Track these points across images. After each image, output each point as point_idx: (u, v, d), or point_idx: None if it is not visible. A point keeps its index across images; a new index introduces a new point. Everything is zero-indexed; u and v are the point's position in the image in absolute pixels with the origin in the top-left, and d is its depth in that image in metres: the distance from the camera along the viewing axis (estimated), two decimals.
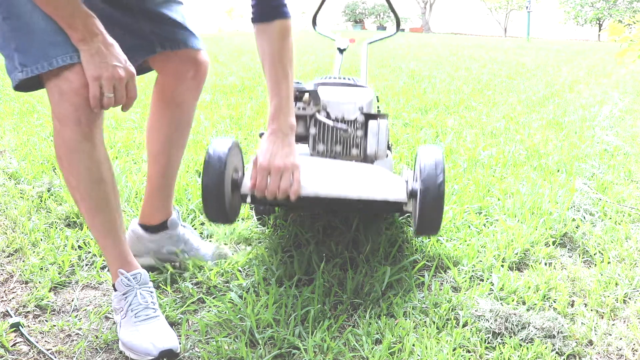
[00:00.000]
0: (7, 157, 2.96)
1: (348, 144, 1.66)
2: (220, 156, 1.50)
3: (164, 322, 1.47)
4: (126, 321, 1.45)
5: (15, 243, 1.95)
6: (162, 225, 1.80)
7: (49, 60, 1.31)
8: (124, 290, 1.48)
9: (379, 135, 1.62)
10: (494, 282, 1.76)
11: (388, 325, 1.51)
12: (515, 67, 7.85)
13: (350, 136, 1.65)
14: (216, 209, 1.52)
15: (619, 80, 6.68)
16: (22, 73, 1.32)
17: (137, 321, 1.44)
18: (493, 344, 1.47)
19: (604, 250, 2.01)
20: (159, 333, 1.42)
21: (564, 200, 2.40)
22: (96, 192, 1.43)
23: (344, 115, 1.66)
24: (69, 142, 1.37)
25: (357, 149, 1.66)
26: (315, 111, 1.67)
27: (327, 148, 1.67)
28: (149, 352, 1.38)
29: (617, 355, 1.46)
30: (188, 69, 1.69)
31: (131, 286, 1.48)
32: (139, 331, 1.42)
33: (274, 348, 1.43)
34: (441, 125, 3.88)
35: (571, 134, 3.72)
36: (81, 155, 1.38)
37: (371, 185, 1.52)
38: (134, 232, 1.81)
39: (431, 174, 1.45)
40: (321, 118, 1.66)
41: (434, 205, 1.46)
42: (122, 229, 1.50)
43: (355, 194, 1.50)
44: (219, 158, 1.49)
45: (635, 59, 3.22)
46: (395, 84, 5.78)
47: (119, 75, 1.34)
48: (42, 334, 1.50)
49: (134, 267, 1.51)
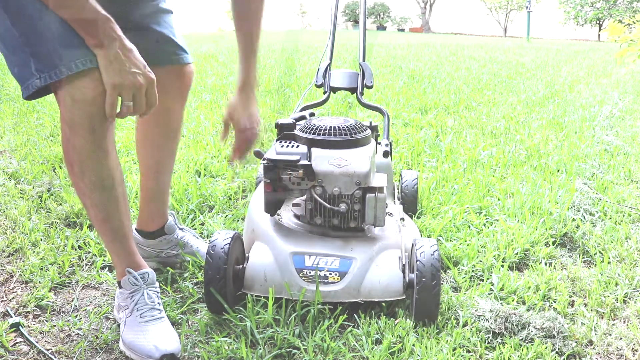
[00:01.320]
0: (7, 157, 2.96)
1: (345, 218, 1.66)
2: (223, 251, 1.53)
3: (168, 325, 1.47)
4: (131, 320, 1.45)
5: (15, 243, 1.95)
6: (159, 231, 1.82)
7: (68, 64, 1.23)
8: (131, 289, 1.48)
9: (377, 209, 1.61)
10: (494, 282, 1.76)
11: (388, 325, 1.51)
12: (515, 67, 7.85)
13: (348, 211, 1.64)
14: (217, 303, 1.54)
15: (619, 80, 6.68)
16: (39, 80, 1.25)
17: (142, 321, 1.43)
18: (493, 344, 1.47)
19: (604, 250, 2.01)
20: (162, 336, 1.42)
21: (564, 200, 2.40)
22: (107, 199, 1.40)
23: (340, 190, 1.60)
24: (80, 150, 1.32)
25: (355, 221, 1.65)
26: (310, 187, 1.62)
27: (324, 222, 1.67)
28: (151, 354, 1.37)
29: (617, 355, 1.46)
30: (172, 81, 1.66)
31: (138, 285, 1.48)
32: (143, 332, 1.42)
33: (274, 348, 1.43)
34: (441, 125, 3.88)
35: (571, 134, 3.72)
36: (94, 164, 1.34)
37: (368, 287, 1.56)
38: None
39: (427, 269, 1.50)
40: (317, 197, 1.62)
41: (431, 299, 1.50)
42: (130, 229, 1.49)
43: (354, 298, 1.57)
44: (221, 253, 1.52)
45: (635, 59, 3.22)
46: (395, 84, 5.78)
47: (139, 83, 1.28)
48: (42, 334, 1.50)
49: (142, 266, 1.51)
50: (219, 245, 1.53)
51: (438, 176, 2.68)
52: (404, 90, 5.36)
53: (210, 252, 1.52)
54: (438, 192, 2.50)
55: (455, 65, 7.93)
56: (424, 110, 4.44)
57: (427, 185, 2.50)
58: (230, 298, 1.54)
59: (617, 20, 4.80)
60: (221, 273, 1.51)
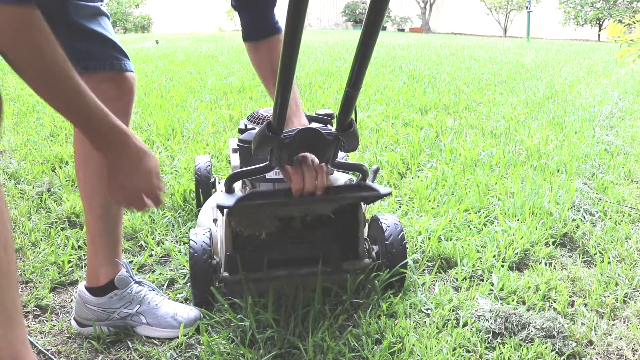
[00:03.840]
0: (7, 157, 2.96)
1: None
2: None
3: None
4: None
5: (15, 243, 1.95)
6: (109, 285, 1.50)
7: None
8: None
9: None
10: (494, 282, 1.76)
11: (388, 325, 1.51)
12: (515, 67, 7.85)
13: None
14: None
15: (619, 80, 6.68)
16: None
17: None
18: (493, 344, 1.47)
19: (604, 250, 2.01)
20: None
21: (564, 200, 2.40)
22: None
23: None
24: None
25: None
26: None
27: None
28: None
29: (617, 355, 1.46)
30: (114, 91, 1.39)
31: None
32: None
33: (274, 348, 1.42)
34: (441, 125, 3.88)
35: (571, 134, 3.72)
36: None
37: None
38: (80, 296, 1.51)
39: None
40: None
41: None
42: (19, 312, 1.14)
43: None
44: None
45: (635, 59, 3.22)
46: (395, 84, 5.78)
47: (142, 198, 1.18)
48: (42, 334, 1.50)
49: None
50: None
51: (437, 176, 2.68)
52: (403, 90, 5.36)
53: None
54: (438, 192, 2.50)
55: (455, 65, 7.93)
56: (424, 111, 4.44)
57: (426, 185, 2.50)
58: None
59: (617, 20, 4.81)
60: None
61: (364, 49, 1.09)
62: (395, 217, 1.74)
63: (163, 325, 1.49)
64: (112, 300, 1.49)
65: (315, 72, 6.64)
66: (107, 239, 1.47)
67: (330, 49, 9.98)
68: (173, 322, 1.49)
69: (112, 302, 1.49)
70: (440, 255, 1.92)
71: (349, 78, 1.17)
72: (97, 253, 1.47)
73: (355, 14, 24.19)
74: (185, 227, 2.11)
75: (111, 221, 1.47)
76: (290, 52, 1.05)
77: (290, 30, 1.01)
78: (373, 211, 2.26)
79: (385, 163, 2.92)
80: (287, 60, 1.07)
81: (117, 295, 1.49)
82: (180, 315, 1.51)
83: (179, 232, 2.08)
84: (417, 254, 1.93)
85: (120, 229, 1.52)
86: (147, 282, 1.59)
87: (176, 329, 1.48)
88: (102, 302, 1.48)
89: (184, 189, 2.44)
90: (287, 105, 1.20)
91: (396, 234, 1.67)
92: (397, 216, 1.78)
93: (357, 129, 1.37)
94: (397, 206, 2.39)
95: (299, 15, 0.98)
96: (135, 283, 1.53)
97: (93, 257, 1.48)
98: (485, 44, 13.16)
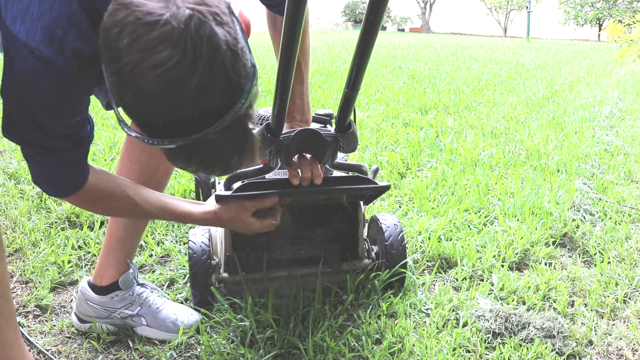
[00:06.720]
0: (7, 157, 2.96)
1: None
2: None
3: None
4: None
5: (15, 243, 1.95)
6: (113, 286, 1.50)
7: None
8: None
9: None
10: (494, 282, 1.76)
11: (388, 325, 1.51)
12: (515, 67, 7.85)
13: None
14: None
15: (619, 80, 6.68)
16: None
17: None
18: (493, 344, 1.47)
19: (604, 250, 2.01)
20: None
21: (564, 200, 2.40)
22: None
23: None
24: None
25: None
26: None
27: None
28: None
29: (617, 355, 1.46)
30: None
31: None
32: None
33: (274, 348, 1.42)
34: (441, 125, 3.88)
35: (571, 134, 3.72)
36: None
37: None
38: (82, 292, 1.52)
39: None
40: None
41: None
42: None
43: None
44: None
45: (635, 59, 3.22)
46: (395, 84, 5.78)
47: (266, 228, 1.40)
48: (42, 334, 1.50)
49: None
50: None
51: (437, 176, 2.68)
52: (403, 90, 5.36)
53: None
54: (438, 192, 2.50)
55: (455, 65, 7.93)
56: (424, 111, 4.44)
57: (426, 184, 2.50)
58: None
59: (617, 20, 4.83)
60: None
61: (363, 50, 1.07)
62: (395, 217, 1.74)
63: (163, 329, 1.49)
64: (113, 300, 1.49)
65: (315, 72, 6.64)
66: (124, 246, 1.49)
67: (330, 49, 9.98)
68: (173, 327, 1.49)
69: (113, 302, 1.49)
70: (440, 255, 1.92)
71: (347, 79, 1.16)
72: (109, 255, 1.49)
73: (355, 13, 24.18)
74: (185, 227, 2.11)
75: (135, 230, 1.50)
76: (289, 55, 1.04)
77: (288, 34, 0.99)
78: (373, 211, 2.26)
79: (385, 163, 2.91)
80: (285, 64, 1.06)
81: (119, 296, 1.50)
82: (181, 320, 1.50)
83: (178, 232, 2.08)
84: (417, 254, 1.93)
85: (139, 238, 1.55)
86: (150, 284, 1.59)
87: (176, 333, 1.48)
88: (103, 300, 1.49)
89: (184, 189, 2.44)
90: (286, 107, 1.20)
91: (396, 234, 1.66)
92: (396, 216, 1.78)
93: (357, 130, 1.37)
94: (397, 206, 2.39)
95: (297, 19, 0.96)
96: (138, 285, 1.53)
97: (105, 257, 1.49)
98: (485, 44, 13.16)
